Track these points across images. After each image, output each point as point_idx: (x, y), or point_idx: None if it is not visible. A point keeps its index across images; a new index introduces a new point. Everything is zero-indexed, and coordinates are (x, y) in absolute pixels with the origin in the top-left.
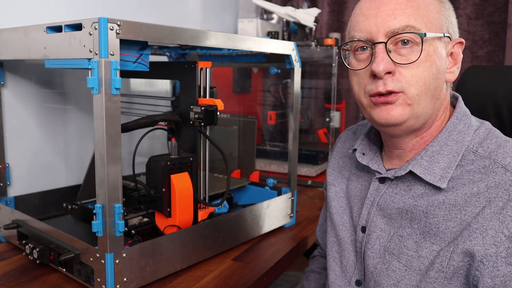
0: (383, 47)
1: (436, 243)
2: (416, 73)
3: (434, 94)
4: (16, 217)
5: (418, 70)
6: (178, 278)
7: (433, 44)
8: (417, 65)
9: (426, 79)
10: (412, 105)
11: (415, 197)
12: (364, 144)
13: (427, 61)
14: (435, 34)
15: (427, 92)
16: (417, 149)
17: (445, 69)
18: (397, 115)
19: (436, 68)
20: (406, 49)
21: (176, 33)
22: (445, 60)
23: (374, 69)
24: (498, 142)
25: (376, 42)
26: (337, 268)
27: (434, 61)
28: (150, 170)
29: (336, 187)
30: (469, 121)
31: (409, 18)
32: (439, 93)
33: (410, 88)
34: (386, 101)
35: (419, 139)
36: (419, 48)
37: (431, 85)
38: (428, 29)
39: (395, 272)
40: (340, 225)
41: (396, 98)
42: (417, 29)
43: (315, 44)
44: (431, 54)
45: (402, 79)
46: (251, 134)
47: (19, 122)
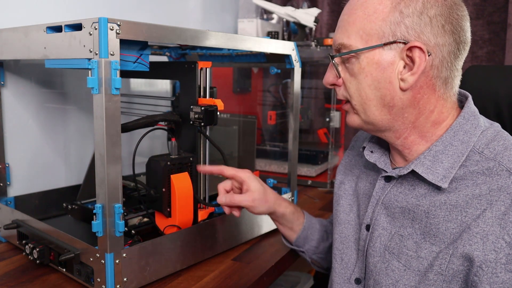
0: (331, 62)
1: (435, 244)
2: (353, 85)
3: (382, 103)
4: (16, 217)
5: (355, 83)
6: (178, 278)
7: (367, 56)
8: (354, 78)
9: (361, 91)
10: (358, 113)
11: (418, 197)
12: (373, 142)
13: (360, 73)
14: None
15: (368, 102)
16: (410, 147)
17: (396, 76)
18: (350, 121)
19: (373, 78)
20: (347, 63)
21: (176, 33)
22: (395, 67)
23: (323, 81)
24: (505, 144)
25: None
26: (337, 265)
27: (369, 72)
28: (150, 170)
29: (345, 185)
30: (477, 121)
31: (343, 36)
32: (391, 101)
33: (352, 99)
34: (342, 108)
35: (402, 139)
36: (355, 62)
37: (369, 96)
38: (364, 42)
39: (394, 271)
40: (346, 223)
41: (347, 107)
42: (347, 46)
43: (315, 44)
44: (363, 66)
45: (345, 90)
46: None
47: (19, 122)
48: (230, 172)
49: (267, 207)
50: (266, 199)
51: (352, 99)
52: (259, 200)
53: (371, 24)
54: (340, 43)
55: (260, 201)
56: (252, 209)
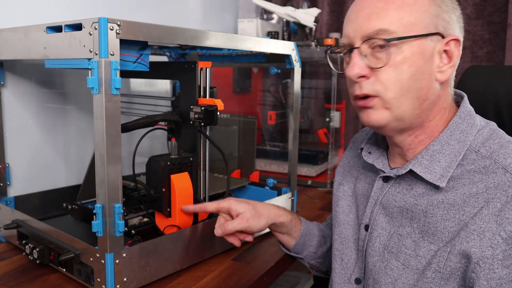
0: (357, 52)
1: (434, 242)
2: (392, 76)
3: (418, 95)
4: (16, 217)
5: (394, 73)
6: (178, 278)
7: (412, 45)
8: (393, 68)
9: (402, 82)
10: (390, 108)
11: (416, 196)
12: (370, 143)
13: (404, 63)
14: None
15: (406, 94)
16: (414, 148)
17: (434, 68)
18: (375, 119)
19: (416, 69)
20: (382, 52)
21: (176, 33)
22: (434, 59)
23: (347, 74)
24: (501, 142)
25: (353, 47)
26: (337, 266)
27: (413, 62)
28: (150, 170)
29: (344, 186)
30: (473, 120)
31: (383, 22)
32: (426, 94)
33: (386, 91)
34: (364, 105)
35: (413, 138)
36: (397, 51)
37: (410, 87)
38: (408, 30)
39: (393, 270)
40: (345, 224)
41: (374, 103)
42: (390, 32)
43: (315, 44)
44: (408, 56)
45: (378, 82)
46: (251, 134)
47: (19, 122)
48: (212, 207)
49: (264, 221)
50: (259, 214)
51: (388, 91)
52: (252, 218)
53: (415, 14)
54: (381, 29)
55: (253, 218)
56: (250, 229)
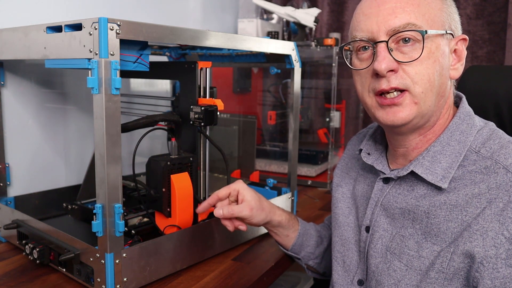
0: (385, 46)
1: (437, 243)
2: (419, 70)
3: (439, 91)
4: (16, 217)
5: (421, 67)
6: (178, 278)
7: (435, 41)
8: (420, 63)
9: (430, 76)
10: (418, 103)
11: (418, 198)
12: (369, 144)
13: (430, 58)
14: (436, 31)
15: (432, 89)
16: (420, 147)
17: (449, 66)
18: (404, 116)
19: (440, 65)
20: (408, 47)
21: (176, 33)
22: (449, 57)
23: (376, 68)
24: (501, 143)
25: (378, 41)
26: (339, 268)
27: (437, 58)
28: (150, 170)
29: (343, 188)
30: (472, 121)
31: (410, 16)
32: (444, 90)
33: (415, 86)
34: (392, 102)
35: (422, 137)
36: (421, 46)
37: (435, 82)
38: (430, 26)
39: (396, 271)
40: (345, 226)
41: (403, 99)
42: (418, 26)
43: (315, 44)
44: (433, 51)
45: (406, 76)
46: (251, 134)
47: (19, 122)
48: (224, 192)
49: (264, 216)
50: (262, 208)
51: (416, 85)
52: (256, 208)
53: (434, 11)
54: (409, 22)
55: (257, 209)
56: (250, 219)
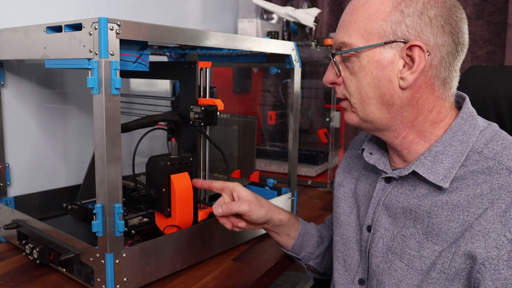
0: (332, 61)
1: (438, 243)
2: (353, 83)
3: (381, 101)
4: (16, 217)
5: (354, 81)
6: (178, 278)
7: (368, 55)
8: (354, 76)
9: (361, 89)
10: (356, 112)
11: (419, 197)
12: (371, 144)
13: (360, 71)
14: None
15: (367, 101)
16: (408, 147)
17: (396, 74)
18: (348, 120)
19: (373, 77)
20: (347, 61)
21: (176, 33)
22: (395, 66)
23: (323, 80)
24: (504, 144)
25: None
26: (340, 267)
27: (368, 70)
28: (150, 170)
29: (345, 188)
30: (475, 121)
31: (345, 34)
32: (390, 99)
33: (351, 97)
34: (340, 107)
35: (401, 139)
36: (356, 60)
37: (369, 94)
38: (365, 40)
39: (397, 271)
40: (347, 225)
41: (345, 105)
42: (347, 44)
43: (315, 44)
44: (364, 65)
45: (345, 88)
46: (251, 134)
47: (19, 122)
48: (218, 184)
49: (264, 212)
50: (261, 204)
51: (351, 97)
52: (254, 204)
53: (373, 24)
54: (341, 41)
55: (255, 205)
56: (250, 214)
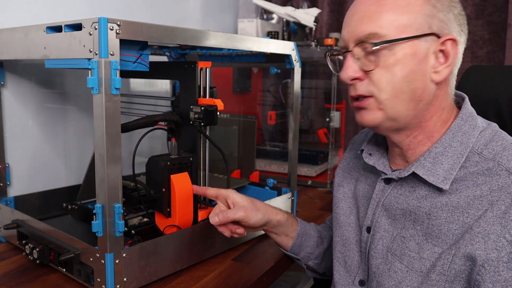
0: (351, 55)
1: (438, 245)
2: (385, 78)
3: (412, 97)
4: (16, 217)
5: (387, 75)
6: (178, 278)
7: (403, 47)
8: (386, 70)
9: (395, 83)
10: (383, 109)
11: (419, 199)
12: (371, 145)
13: (396, 65)
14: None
15: (399, 96)
16: (414, 148)
17: (429, 69)
18: (369, 120)
19: (409, 70)
20: (374, 55)
21: (176, 33)
22: (429, 60)
23: (340, 77)
24: (504, 144)
25: (345, 50)
26: (341, 268)
27: (405, 64)
28: (150, 170)
29: (344, 188)
30: (475, 122)
31: (374, 25)
32: (421, 95)
33: (380, 93)
34: (359, 105)
35: (412, 138)
36: (388, 53)
37: (403, 89)
38: (399, 32)
39: (396, 273)
40: (346, 225)
41: (367, 104)
42: (380, 35)
43: (315, 44)
44: (400, 58)
45: (372, 84)
46: (251, 134)
47: (19, 122)
48: (212, 191)
49: (261, 215)
50: (257, 208)
51: (381, 93)
52: (250, 209)
53: (407, 15)
54: (371, 33)
55: (251, 210)
56: (247, 219)
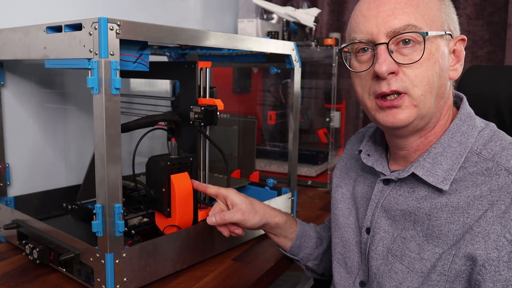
0: (385, 48)
1: (438, 245)
2: (419, 72)
3: (438, 93)
4: (16, 217)
5: (421, 70)
6: (178, 278)
7: (435, 42)
8: (420, 65)
9: (430, 78)
10: (418, 106)
11: (419, 199)
12: (369, 145)
13: (430, 59)
14: (436, 32)
15: (432, 91)
16: (421, 149)
17: (448, 66)
18: (403, 118)
19: (439, 66)
20: (408, 48)
21: (176, 33)
22: (448, 58)
23: (377, 70)
24: (502, 144)
25: (378, 43)
26: (341, 269)
27: (437, 59)
28: (150, 170)
29: (342, 189)
30: (473, 122)
31: (409, 17)
32: (444, 92)
33: (415, 88)
34: (392, 105)
35: (423, 139)
36: (421, 47)
37: (435, 84)
38: (429, 27)
39: (397, 274)
40: (346, 227)
41: (402, 102)
42: (418, 27)
43: (315, 44)
44: (433, 53)
45: (406, 79)
46: (251, 134)
47: (19, 122)
48: (212, 190)
49: (259, 218)
50: (255, 210)
51: (416, 88)
52: (248, 212)
53: (433, 12)
54: (409, 24)
55: (249, 213)
56: (244, 222)
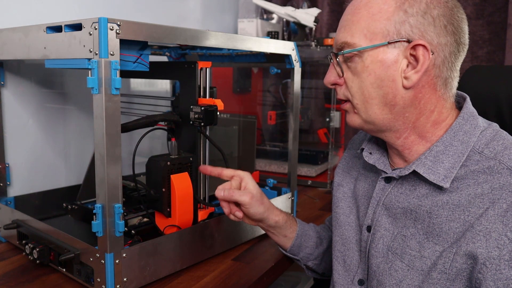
0: (334, 60)
1: (439, 243)
2: (355, 84)
3: (383, 101)
4: (16, 217)
5: (357, 81)
6: (178, 278)
7: (371, 55)
8: (357, 76)
9: (364, 89)
10: (358, 113)
11: (420, 197)
12: (371, 143)
13: (363, 71)
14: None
15: (370, 101)
16: (409, 148)
17: (399, 74)
18: (351, 122)
19: (376, 77)
20: (350, 62)
21: (176, 33)
22: (398, 66)
23: (324, 81)
24: (504, 144)
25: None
26: (340, 267)
27: (372, 70)
28: (150, 170)
29: (344, 188)
30: (476, 121)
31: (346, 35)
32: (393, 99)
33: (353, 98)
34: (342, 108)
35: (403, 139)
36: (358, 60)
37: (372, 94)
38: (368, 40)
39: (397, 271)
40: (346, 225)
41: (346, 107)
42: (350, 44)
43: (315, 44)
44: (367, 65)
45: (347, 89)
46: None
47: (19, 122)
48: (229, 172)
49: (263, 209)
50: (262, 201)
51: (353, 98)
52: (256, 199)
53: (376, 23)
54: (343, 41)
55: (257, 200)
56: (249, 206)
